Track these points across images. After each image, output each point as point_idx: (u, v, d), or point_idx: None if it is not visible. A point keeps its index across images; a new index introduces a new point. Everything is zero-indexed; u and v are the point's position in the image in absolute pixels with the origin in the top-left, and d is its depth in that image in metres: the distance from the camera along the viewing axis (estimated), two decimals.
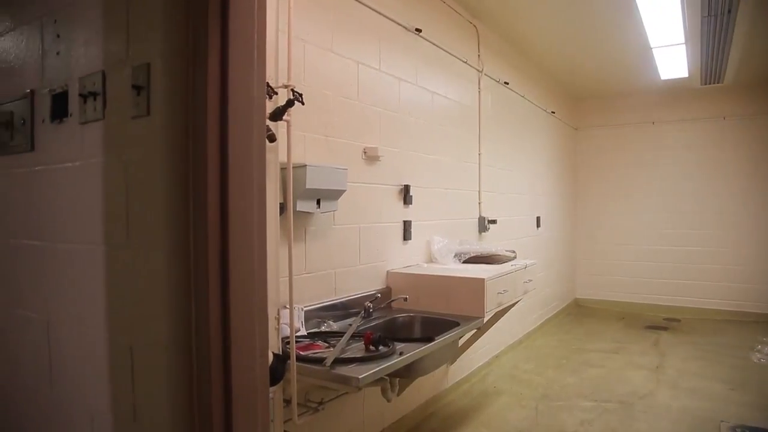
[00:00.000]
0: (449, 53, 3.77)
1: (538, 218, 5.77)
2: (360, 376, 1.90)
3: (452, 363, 3.75)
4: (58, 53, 1.60)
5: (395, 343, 2.24)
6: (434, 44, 3.55)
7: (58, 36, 1.60)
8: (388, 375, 2.18)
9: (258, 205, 1.30)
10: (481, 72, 4.28)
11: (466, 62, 4.02)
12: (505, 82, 4.78)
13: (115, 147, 1.40)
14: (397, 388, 2.57)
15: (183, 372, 1.30)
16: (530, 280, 3.53)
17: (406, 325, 2.86)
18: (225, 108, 1.26)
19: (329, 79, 2.65)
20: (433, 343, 2.34)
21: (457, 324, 2.69)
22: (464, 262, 3.39)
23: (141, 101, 1.31)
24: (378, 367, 2.02)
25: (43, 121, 1.66)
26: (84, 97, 1.48)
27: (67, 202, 1.57)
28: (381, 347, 2.19)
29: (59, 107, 1.59)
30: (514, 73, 5.03)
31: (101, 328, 1.46)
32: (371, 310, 2.66)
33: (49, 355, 1.68)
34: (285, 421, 2.14)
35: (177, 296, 1.26)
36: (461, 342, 3.39)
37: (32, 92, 1.69)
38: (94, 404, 1.53)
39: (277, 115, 1.70)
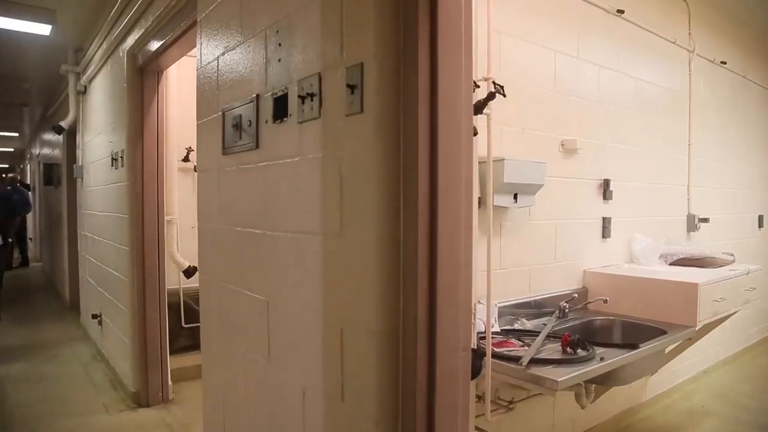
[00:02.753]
0: (655, 34, 3.42)
1: (760, 217, 4.99)
2: (559, 379, 1.82)
3: (653, 374, 3.42)
4: (279, 60, 1.76)
5: (594, 347, 2.11)
6: (638, 25, 3.25)
7: (280, 45, 1.76)
8: (584, 380, 2.06)
9: (465, 200, 1.30)
10: (692, 52, 3.82)
11: (674, 42, 3.61)
12: (722, 62, 4.21)
13: (330, 143, 1.49)
14: (592, 395, 2.42)
15: (389, 358, 1.35)
16: (753, 288, 3.07)
17: (604, 329, 2.67)
18: (434, 104, 1.28)
19: (525, 69, 2.57)
20: (637, 350, 2.15)
21: (664, 332, 2.45)
22: (671, 264, 3.07)
23: (355, 99, 1.38)
24: (577, 371, 1.92)
25: (266, 121, 1.84)
26: (302, 98, 1.61)
27: (287, 195, 1.72)
28: (579, 350, 2.08)
29: (280, 108, 1.75)
30: (733, 50, 4.40)
31: (315, 311, 1.58)
32: (567, 311, 2.54)
33: (268, 331, 1.87)
34: (476, 416, 2.13)
35: (386, 285, 1.31)
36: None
37: (257, 96, 1.89)
38: (306, 380, 1.66)
39: (478, 108, 1.69)
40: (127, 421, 3.55)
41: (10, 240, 4.53)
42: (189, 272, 3.99)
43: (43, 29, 4.56)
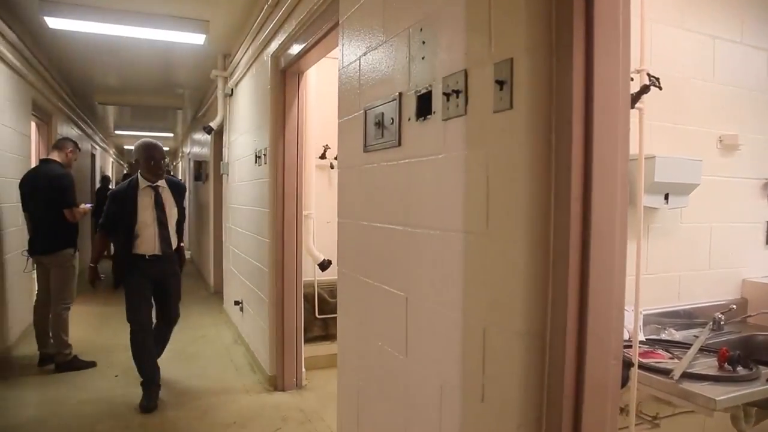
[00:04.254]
0: None
1: None
2: (717, 398, 1.66)
3: None
4: (423, 58, 1.78)
5: (759, 365, 1.90)
6: None
7: (424, 42, 1.78)
8: (745, 402, 1.86)
9: (621, 201, 1.23)
10: None
11: None
12: None
13: (476, 140, 1.48)
14: (752, 420, 2.18)
15: (535, 362, 1.32)
16: None
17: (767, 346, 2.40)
18: (589, 99, 1.22)
19: (678, 59, 2.37)
20: None
21: None
22: None
23: (504, 95, 1.36)
24: (738, 391, 1.74)
25: (408, 119, 1.87)
26: (447, 95, 1.61)
27: (429, 192, 1.73)
28: (740, 368, 1.88)
29: (424, 106, 1.77)
30: None
31: (456, 309, 1.58)
32: (722, 323, 2.31)
33: (406, 327, 1.90)
34: (619, 429, 2.01)
35: (534, 286, 1.28)
36: None
37: (400, 95, 1.92)
38: (444, 378, 1.66)
39: (632, 102, 1.58)
40: (264, 402, 3.80)
41: (182, 244, 4.19)
42: (324, 265, 4.18)
43: (198, 39, 5.00)
